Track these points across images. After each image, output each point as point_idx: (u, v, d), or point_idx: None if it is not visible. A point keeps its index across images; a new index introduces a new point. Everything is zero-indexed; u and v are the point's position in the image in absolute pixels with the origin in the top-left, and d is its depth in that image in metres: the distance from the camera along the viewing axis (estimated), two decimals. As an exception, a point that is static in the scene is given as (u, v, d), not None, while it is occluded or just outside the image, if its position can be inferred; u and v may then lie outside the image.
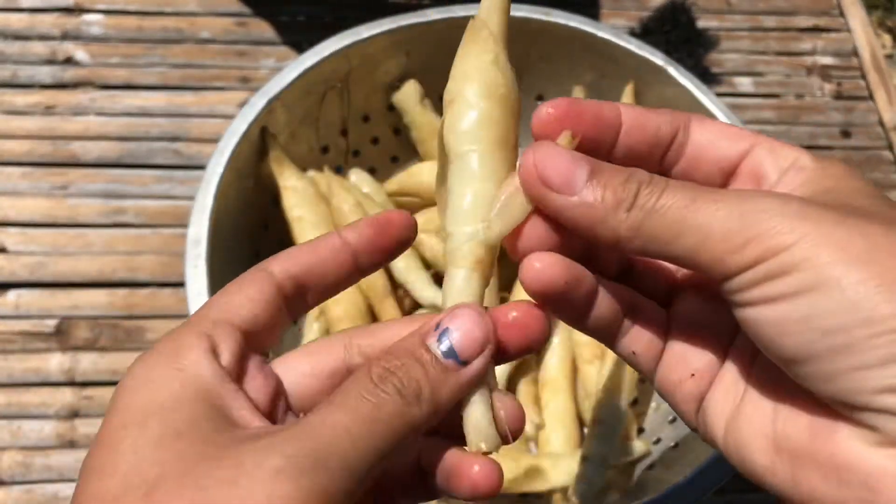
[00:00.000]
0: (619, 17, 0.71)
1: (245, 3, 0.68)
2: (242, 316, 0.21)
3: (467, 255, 0.21)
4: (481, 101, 0.21)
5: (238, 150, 0.44)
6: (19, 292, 0.55)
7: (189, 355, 0.19)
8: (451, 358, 0.19)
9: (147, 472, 0.17)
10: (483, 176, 0.21)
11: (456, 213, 0.21)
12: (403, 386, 0.19)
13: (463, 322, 0.20)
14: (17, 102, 0.62)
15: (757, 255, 0.17)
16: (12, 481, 0.49)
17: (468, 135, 0.21)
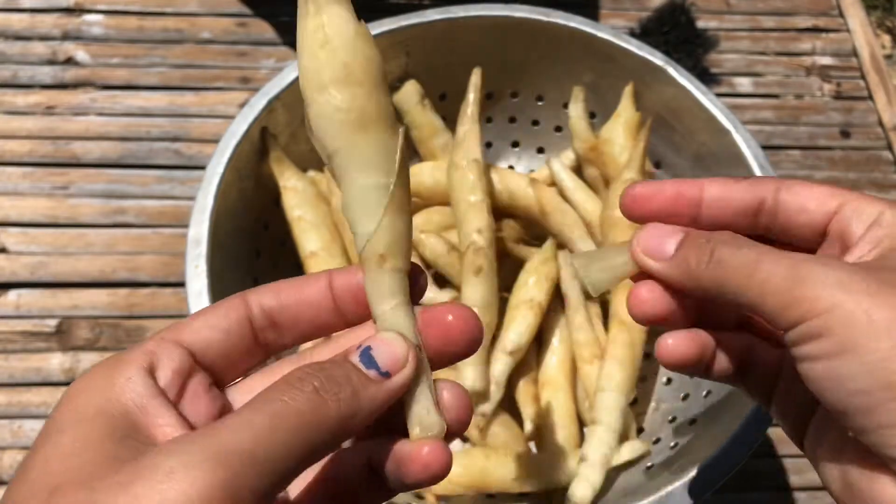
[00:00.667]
0: (618, 17, 0.71)
1: (245, 4, 0.68)
2: (196, 339, 0.21)
3: (383, 245, 0.21)
4: (325, 92, 0.20)
5: (238, 151, 0.44)
6: (20, 292, 0.55)
7: (124, 370, 0.19)
8: (374, 369, 0.20)
9: (51, 479, 0.17)
10: (359, 166, 0.20)
11: (358, 208, 0.21)
12: (322, 384, 0.19)
13: (380, 340, 0.20)
14: (18, 103, 0.62)
15: (800, 315, 0.20)
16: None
17: (330, 130, 0.20)
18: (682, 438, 0.43)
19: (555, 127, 0.56)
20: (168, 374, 0.20)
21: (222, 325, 0.21)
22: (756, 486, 0.52)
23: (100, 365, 0.20)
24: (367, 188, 0.20)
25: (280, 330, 0.22)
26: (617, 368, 0.43)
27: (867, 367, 0.18)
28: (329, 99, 0.20)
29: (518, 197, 0.49)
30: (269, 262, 0.49)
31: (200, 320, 0.21)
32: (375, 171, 0.20)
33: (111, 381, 0.19)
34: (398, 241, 0.21)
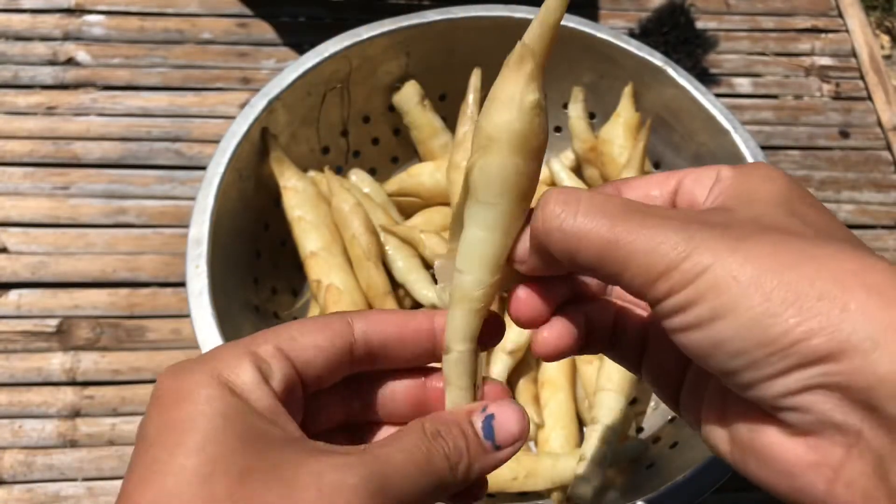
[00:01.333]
0: (618, 18, 0.71)
1: (246, 5, 0.68)
2: (302, 356, 0.22)
3: (476, 298, 0.23)
4: (514, 156, 0.22)
5: (239, 151, 0.44)
6: (21, 292, 0.55)
7: (240, 372, 0.20)
8: (490, 440, 0.22)
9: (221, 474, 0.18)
10: (499, 228, 0.22)
11: (470, 255, 0.23)
12: (450, 451, 0.21)
13: (505, 414, 0.23)
14: (19, 103, 0.63)
15: (668, 288, 0.19)
16: (13, 480, 0.50)
17: (495, 186, 0.22)
18: (682, 438, 0.43)
19: (554, 127, 0.56)
20: (281, 386, 0.21)
21: (327, 348, 0.22)
22: (754, 485, 0.52)
23: (216, 357, 0.21)
24: (497, 244, 0.23)
25: (375, 361, 0.24)
26: (616, 368, 0.43)
27: (743, 328, 0.18)
28: (525, 162, 0.22)
29: (518, 197, 0.50)
30: (270, 262, 0.49)
31: (308, 338, 0.22)
32: (509, 236, 0.23)
33: (239, 382, 0.20)
34: (492, 297, 0.23)
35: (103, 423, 0.52)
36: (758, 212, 0.21)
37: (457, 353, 0.23)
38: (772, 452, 0.20)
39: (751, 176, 0.22)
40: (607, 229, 0.20)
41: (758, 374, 0.18)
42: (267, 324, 0.47)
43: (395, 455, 0.20)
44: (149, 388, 0.53)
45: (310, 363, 0.22)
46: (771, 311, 0.18)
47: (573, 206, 0.21)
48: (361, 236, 0.46)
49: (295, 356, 0.22)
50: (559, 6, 0.21)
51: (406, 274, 0.47)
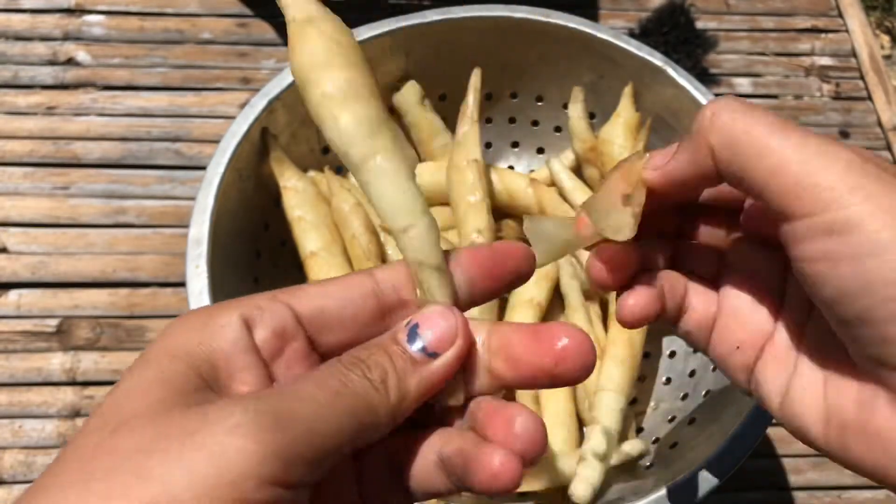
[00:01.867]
0: (618, 18, 0.71)
1: (246, 4, 0.68)
2: (308, 305, 0.20)
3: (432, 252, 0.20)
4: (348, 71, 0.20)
5: (239, 151, 0.44)
6: (21, 292, 0.55)
7: (222, 317, 0.19)
8: (419, 350, 0.19)
9: (122, 412, 0.17)
10: (396, 160, 0.20)
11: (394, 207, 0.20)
12: (369, 369, 0.19)
13: (429, 317, 0.20)
14: (19, 103, 0.63)
15: (819, 205, 0.18)
16: (13, 480, 0.50)
17: (361, 131, 0.20)
18: (682, 438, 0.43)
19: (554, 127, 0.56)
20: (267, 332, 0.19)
21: (339, 294, 0.20)
22: (755, 485, 0.52)
23: (203, 308, 0.20)
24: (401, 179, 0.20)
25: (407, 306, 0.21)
26: (616, 368, 0.43)
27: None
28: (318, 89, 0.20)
29: (518, 197, 0.50)
30: (270, 262, 0.49)
31: (317, 287, 0.20)
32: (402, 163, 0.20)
33: (206, 324, 0.19)
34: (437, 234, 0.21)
35: (103, 423, 0.52)
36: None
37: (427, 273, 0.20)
38: (888, 431, 0.18)
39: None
40: (776, 131, 0.19)
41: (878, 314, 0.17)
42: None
43: (300, 385, 0.18)
44: (149, 388, 0.53)
45: (319, 310, 0.20)
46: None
47: (744, 106, 0.20)
48: (361, 236, 0.46)
49: (297, 303, 0.20)
50: None
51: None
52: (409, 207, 0.20)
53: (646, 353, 0.49)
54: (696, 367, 0.47)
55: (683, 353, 0.49)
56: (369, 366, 0.19)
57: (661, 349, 0.50)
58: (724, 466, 0.37)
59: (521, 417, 0.19)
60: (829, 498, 0.52)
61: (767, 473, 0.52)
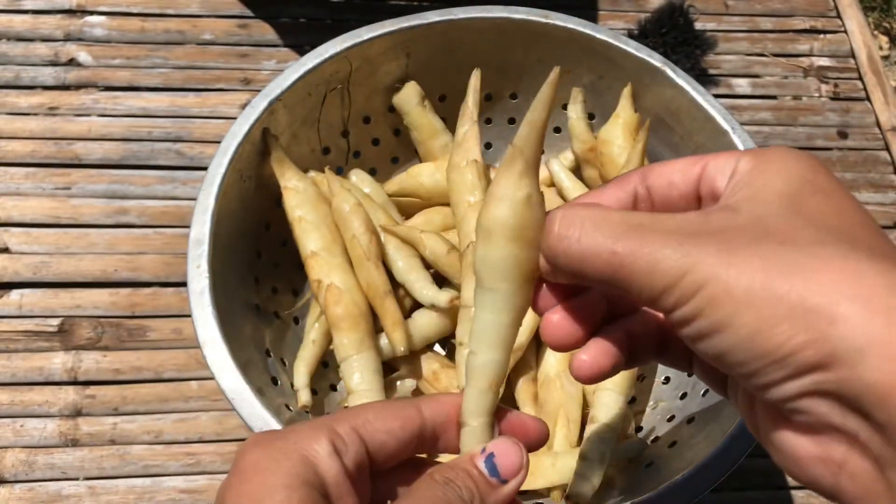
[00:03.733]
0: (617, 19, 0.72)
1: (246, 6, 0.69)
2: (375, 440, 0.24)
3: (486, 377, 0.25)
4: (510, 245, 0.24)
5: (240, 151, 0.45)
6: (22, 292, 0.56)
7: (321, 445, 0.23)
8: (495, 476, 0.24)
9: None
10: (504, 310, 0.25)
11: (479, 336, 0.25)
12: (461, 491, 0.23)
13: (503, 448, 0.25)
14: (21, 103, 0.63)
15: (673, 302, 0.20)
16: (15, 479, 0.50)
17: (496, 273, 0.24)
18: (681, 437, 0.43)
19: (554, 128, 0.56)
20: (352, 464, 0.23)
21: (399, 435, 0.25)
22: (753, 484, 0.52)
23: (297, 430, 0.23)
24: (503, 325, 0.25)
25: (439, 439, 0.26)
26: (615, 367, 0.43)
27: (741, 342, 0.19)
28: (520, 250, 0.24)
29: (517, 197, 0.50)
30: (270, 263, 0.49)
31: (382, 423, 0.24)
32: (514, 315, 0.25)
33: (314, 451, 0.22)
34: (504, 373, 0.26)
35: (105, 423, 0.52)
36: (762, 212, 0.21)
37: (470, 428, 0.25)
38: (786, 446, 0.21)
39: (767, 167, 0.22)
40: (609, 251, 0.21)
41: (761, 381, 0.19)
42: (268, 323, 0.47)
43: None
44: (150, 387, 0.53)
45: (382, 446, 0.24)
46: (764, 326, 0.19)
47: (576, 229, 0.22)
48: (362, 236, 0.46)
49: (369, 438, 0.24)
50: (544, 108, 0.23)
51: (406, 274, 0.47)
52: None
53: (645, 352, 0.49)
54: (695, 367, 0.47)
55: (682, 352, 0.49)
56: (460, 487, 0.23)
57: (660, 349, 0.50)
58: (723, 465, 0.37)
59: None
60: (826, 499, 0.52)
61: (766, 473, 0.52)
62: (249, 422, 0.37)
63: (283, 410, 0.41)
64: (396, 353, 0.45)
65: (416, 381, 0.48)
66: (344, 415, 0.24)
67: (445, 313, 0.47)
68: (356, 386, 0.43)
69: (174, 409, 0.53)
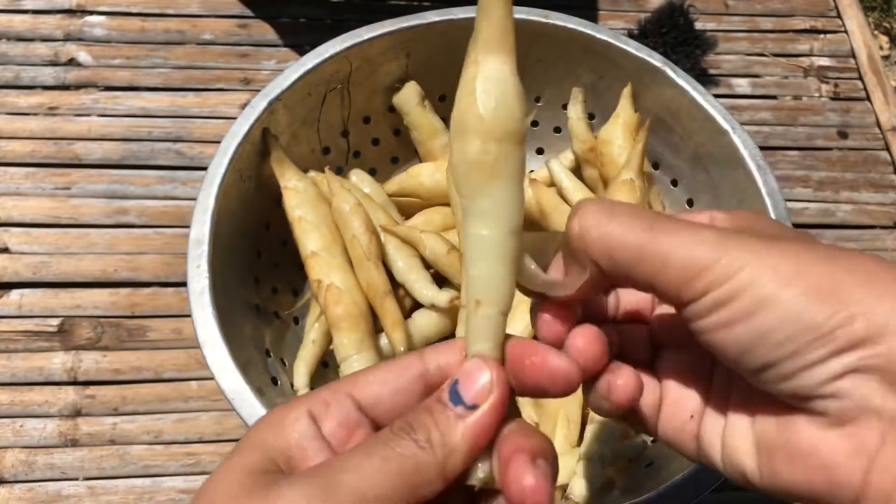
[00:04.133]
0: (617, 19, 0.72)
1: (246, 6, 0.69)
2: (366, 393, 0.22)
3: (488, 292, 0.22)
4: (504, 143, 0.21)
5: (240, 151, 0.45)
6: (22, 292, 0.56)
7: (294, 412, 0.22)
8: (459, 404, 0.21)
9: (215, 492, 0.20)
10: (499, 221, 0.22)
11: (474, 253, 0.22)
12: (414, 431, 0.20)
13: (468, 371, 0.22)
14: (20, 103, 0.63)
15: (705, 286, 0.20)
16: (15, 480, 0.50)
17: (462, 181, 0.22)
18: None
19: (554, 128, 0.56)
20: (333, 424, 0.22)
21: (396, 383, 0.22)
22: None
23: (282, 405, 0.22)
24: (481, 238, 0.22)
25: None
26: (615, 367, 0.43)
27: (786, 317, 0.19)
28: (467, 147, 0.21)
29: (517, 197, 0.50)
30: (270, 263, 0.49)
31: (373, 375, 0.23)
32: (492, 224, 0.22)
33: (281, 421, 0.21)
34: (495, 288, 0.22)
35: (104, 423, 0.52)
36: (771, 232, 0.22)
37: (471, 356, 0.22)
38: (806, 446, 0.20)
39: (742, 215, 0.23)
40: (645, 230, 0.21)
41: (800, 362, 0.19)
42: (268, 323, 0.47)
43: (347, 458, 0.20)
44: (150, 387, 0.53)
45: (378, 398, 0.22)
46: (812, 299, 0.19)
47: (608, 212, 0.21)
48: (362, 236, 0.46)
49: (358, 393, 0.22)
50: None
51: (406, 274, 0.47)
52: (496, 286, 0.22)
53: (645, 352, 0.49)
54: (695, 367, 0.47)
55: (682, 352, 0.49)
56: (414, 427, 0.20)
57: (661, 349, 0.50)
58: (723, 465, 0.37)
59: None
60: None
61: (766, 472, 0.52)
62: (249, 422, 0.37)
63: (283, 410, 0.41)
64: (396, 353, 0.45)
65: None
66: (336, 381, 0.23)
67: (445, 313, 0.47)
68: (356, 386, 0.43)
69: (174, 409, 0.53)
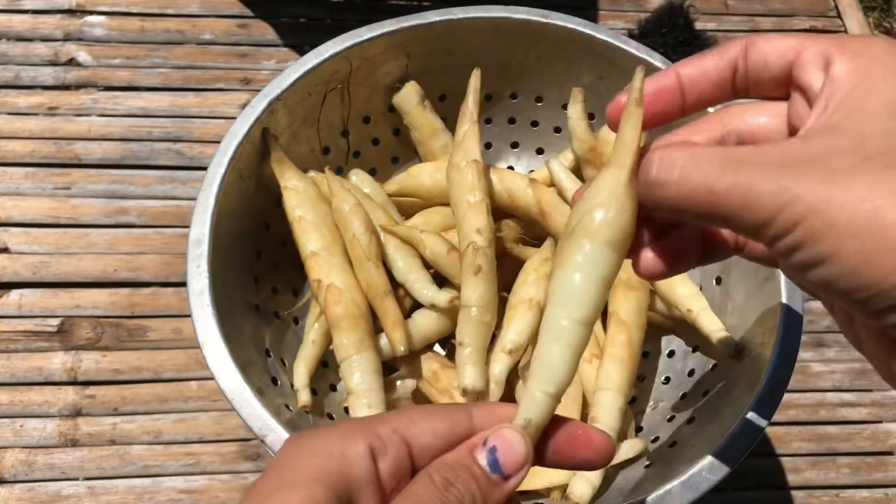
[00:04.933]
0: (617, 18, 0.72)
1: (246, 5, 0.69)
2: (420, 443, 0.23)
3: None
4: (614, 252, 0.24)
5: (240, 151, 0.45)
6: (22, 292, 0.56)
7: (356, 445, 0.22)
8: (497, 473, 0.23)
9: None
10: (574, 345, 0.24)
11: (542, 374, 0.24)
12: (462, 495, 0.22)
13: (506, 442, 0.23)
14: (20, 103, 0.63)
15: (772, 236, 0.20)
16: (15, 480, 0.50)
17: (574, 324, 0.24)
18: (681, 437, 0.43)
19: (554, 128, 0.56)
20: (388, 468, 0.22)
21: (447, 438, 0.23)
22: (753, 484, 0.52)
23: (333, 430, 0.23)
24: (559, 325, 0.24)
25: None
26: (615, 367, 0.43)
27: (844, 274, 0.19)
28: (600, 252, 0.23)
29: (517, 197, 0.50)
30: (270, 263, 0.49)
31: (427, 424, 0.23)
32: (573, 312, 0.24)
33: (344, 452, 0.22)
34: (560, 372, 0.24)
35: (104, 423, 0.52)
36: (866, 130, 0.20)
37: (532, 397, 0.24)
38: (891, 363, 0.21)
39: (868, 71, 0.21)
40: (707, 190, 0.21)
41: (867, 310, 0.20)
42: (268, 323, 0.47)
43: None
44: (150, 387, 0.53)
45: (428, 448, 0.23)
46: (869, 257, 0.19)
47: (674, 171, 0.22)
48: (362, 236, 0.46)
49: (413, 440, 0.23)
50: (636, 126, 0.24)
51: (406, 274, 0.47)
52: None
53: (645, 352, 0.49)
54: (695, 367, 0.47)
55: (682, 352, 0.49)
56: (460, 489, 0.22)
57: (660, 348, 0.50)
58: (723, 465, 0.37)
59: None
60: (827, 497, 0.52)
61: (766, 473, 0.52)
62: (249, 422, 0.37)
63: (283, 410, 0.41)
64: (396, 353, 0.45)
65: (415, 381, 0.48)
66: (388, 416, 0.23)
67: (445, 313, 0.47)
68: (356, 386, 0.43)
69: (174, 409, 0.53)
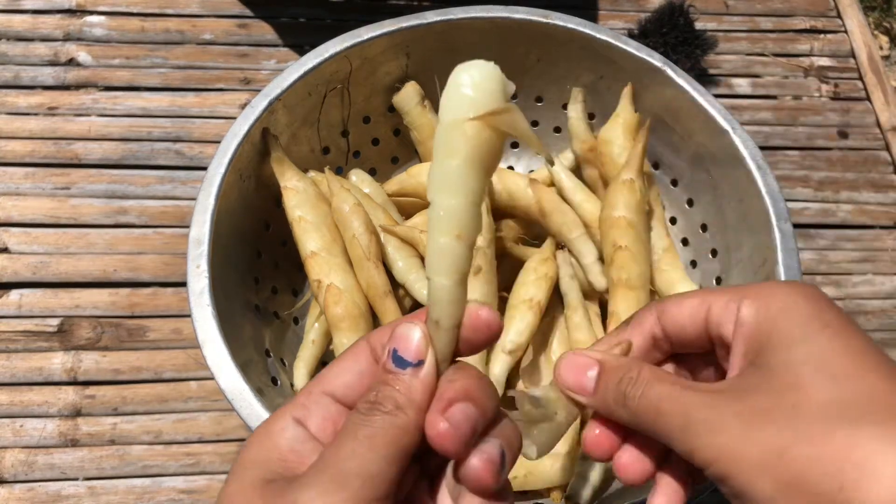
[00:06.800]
0: (617, 18, 0.72)
1: (246, 6, 0.69)
2: (337, 385, 0.24)
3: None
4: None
5: (240, 151, 0.45)
6: (22, 292, 0.56)
7: (279, 423, 0.24)
8: (403, 366, 0.23)
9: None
10: (452, 230, 0.23)
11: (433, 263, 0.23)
12: (382, 404, 0.22)
13: (400, 337, 0.23)
14: (20, 103, 0.63)
15: (700, 462, 0.23)
16: (14, 480, 0.50)
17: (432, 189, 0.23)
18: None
19: (554, 128, 0.56)
20: (318, 421, 0.24)
21: (355, 367, 0.24)
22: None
23: (265, 420, 0.24)
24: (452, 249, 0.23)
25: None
26: (616, 367, 0.43)
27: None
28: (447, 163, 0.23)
29: (517, 197, 0.50)
30: (270, 262, 0.49)
31: (336, 367, 0.25)
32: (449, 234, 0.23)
33: (270, 433, 0.23)
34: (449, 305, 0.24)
35: (104, 423, 0.52)
36: (775, 372, 0.23)
37: (437, 282, 0.23)
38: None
39: (769, 312, 0.24)
40: (654, 410, 0.25)
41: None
42: (268, 323, 0.47)
43: (339, 448, 0.22)
44: (150, 387, 0.53)
45: (347, 385, 0.24)
46: (779, 494, 0.21)
47: (639, 387, 0.25)
48: (361, 236, 0.46)
49: (331, 388, 0.24)
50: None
51: (406, 274, 0.47)
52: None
53: (645, 352, 0.49)
54: (695, 367, 0.47)
55: (682, 352, 0.49)
56: (381, 401, 0.22)
57: (661, 349, 0.50)
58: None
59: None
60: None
61: (766, 473, 0.52)
62: (249, 422, 0.37)
63: (283, 410, 0.41)
64: (396, 353, 0.45)
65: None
66: (309, 383, 0.25)
67: (445, 313, 0.47)
68: (356, 386, 0.43)
69: (173, 409, 0.52)
